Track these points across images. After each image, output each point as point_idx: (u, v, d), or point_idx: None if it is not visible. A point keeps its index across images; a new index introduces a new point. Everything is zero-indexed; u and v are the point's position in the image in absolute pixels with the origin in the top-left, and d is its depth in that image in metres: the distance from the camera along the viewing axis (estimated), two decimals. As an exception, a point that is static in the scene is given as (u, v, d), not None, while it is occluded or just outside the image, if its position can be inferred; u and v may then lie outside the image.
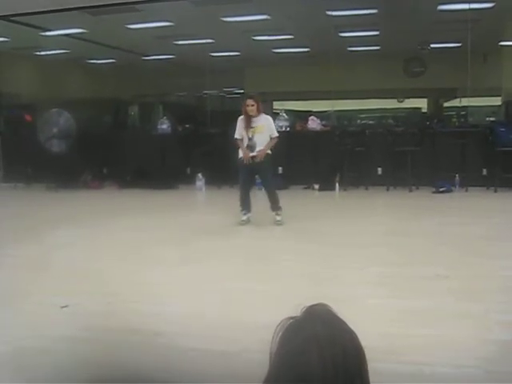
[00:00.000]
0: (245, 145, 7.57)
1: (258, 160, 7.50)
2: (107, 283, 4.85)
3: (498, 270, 5.14)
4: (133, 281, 4.96)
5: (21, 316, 4.08)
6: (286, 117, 12.37)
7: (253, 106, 7.53)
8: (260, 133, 7.58)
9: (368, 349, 1.08)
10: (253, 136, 7.56)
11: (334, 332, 1.06)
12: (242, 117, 7.67)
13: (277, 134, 7.75)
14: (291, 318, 1.11)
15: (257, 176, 8.13)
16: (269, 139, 7.60)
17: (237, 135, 7.68)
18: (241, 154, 7.61)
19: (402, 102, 19.46)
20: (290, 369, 1.02)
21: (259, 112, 7.60)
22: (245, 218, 7.62)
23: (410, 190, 10.72)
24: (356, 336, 1.08)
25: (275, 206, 7.60)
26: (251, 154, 7.53)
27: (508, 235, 6.70)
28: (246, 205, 7.65)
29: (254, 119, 7.56)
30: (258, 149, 7.54)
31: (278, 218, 7.58)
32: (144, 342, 3.54)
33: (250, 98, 7.69)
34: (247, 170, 7.63)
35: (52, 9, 11.45)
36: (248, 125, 7.56)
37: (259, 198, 8.19)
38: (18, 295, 4.57)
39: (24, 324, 3.90)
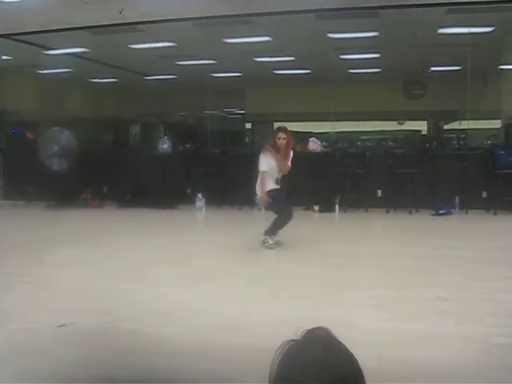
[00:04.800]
0: (274, 178, 7.30)
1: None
2: (106, 302, 4.83)
3: (497, 292, 5.12)
4: (131, 300, 4.93)
5: (17, 334, 4.05)
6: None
7: (284, 139, 7.21)
8: (287, 169, 7.33)
9: (367, 372, 1.08)
10: (280, 175, 7.33)
11: (333, 355, 1.06)
12: (267, 152, 7.26)
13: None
14: (291, 340, 1.11)
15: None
16: None
17: (264, 167, 7.23)
18: (264, 192, 7.27)
19: (402, 124, 19.51)
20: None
21: (289, 147, 7.27)
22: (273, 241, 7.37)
23: (410, 213, 10.72)
24: (356, 359, 1.08)
25: (273, 231, 7.34)
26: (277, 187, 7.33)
27: (508, 258, 6.68)
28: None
29: (285, 155, 7.26)
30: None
31: (271, 241, 7.34)
32: (142, 362, 3.51)
33: (282, 131, 7.33)
34: (282, 197, 7.37)
35: (55, 28, 11.54)
36: (279, 162, 7.23)
37: (257, 218, 8.15)
38: (16, 313, 4.54)
39: (20, 342, 3.87)
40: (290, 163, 7.35)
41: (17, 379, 3.29)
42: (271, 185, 7.29)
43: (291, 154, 7.39)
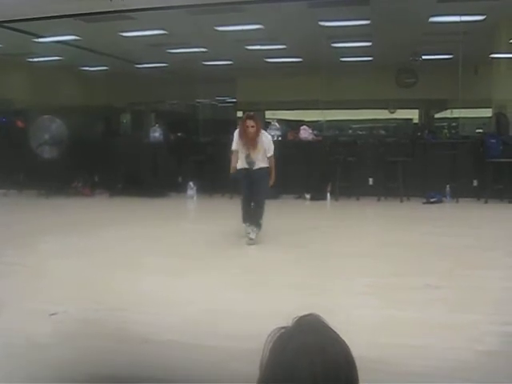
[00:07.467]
0: (243, 156, 7.17)
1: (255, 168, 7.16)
2: (97, 291, 4.83)
3: (488, 280, 5.16)
4: (122, 289, 4.93)
5: (9, 323, 4.05)
6: (277, 126, 12.38)
7: (253, 127, 7.06)
8: (257, 152, 7.14)
9: (359, 359, 1.08)
10: (249, 154, 7.13)
11: (324, 342, 1.06)
12: (238, 131, 7.23)
13: (272, 153, 7.23)
14: (282, 327, 1.11)
15: None
16: (265, 154, 7.18)
17: (234, 147, 7.22)
18: (236, 164, 7.21)
19: (393, 112, 19.51)
20: (281, 379, 1.02)
21: (258, 133, 7.12)
22: (251, 232, 7.09)
23: (401, 201, 10.75)
24: (347, 346, 1.08)
25: (255, 220, 7.16)
26: (247, 167, 7.17)
27: (498, 246, 6.73)
28: (248, 217, 7.18)
29: (253, 143, 7.11)
30: (257, 165, 7.15)
31: (252, 235, 7.07)
32: (131, 349, 3.52)
33: (250, 118, 7.15)
34: (247, 181, 7.19)
35: (45, 15, 11.44)
36: (246, 143, 7.12)
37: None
38: (8, 302, 4.53)
39: (12, 330, 3.87)
40: (269, 147, 7.25)
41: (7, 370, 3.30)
42: (241, 163, 7.21)
43: (265, 140, 7.25)
